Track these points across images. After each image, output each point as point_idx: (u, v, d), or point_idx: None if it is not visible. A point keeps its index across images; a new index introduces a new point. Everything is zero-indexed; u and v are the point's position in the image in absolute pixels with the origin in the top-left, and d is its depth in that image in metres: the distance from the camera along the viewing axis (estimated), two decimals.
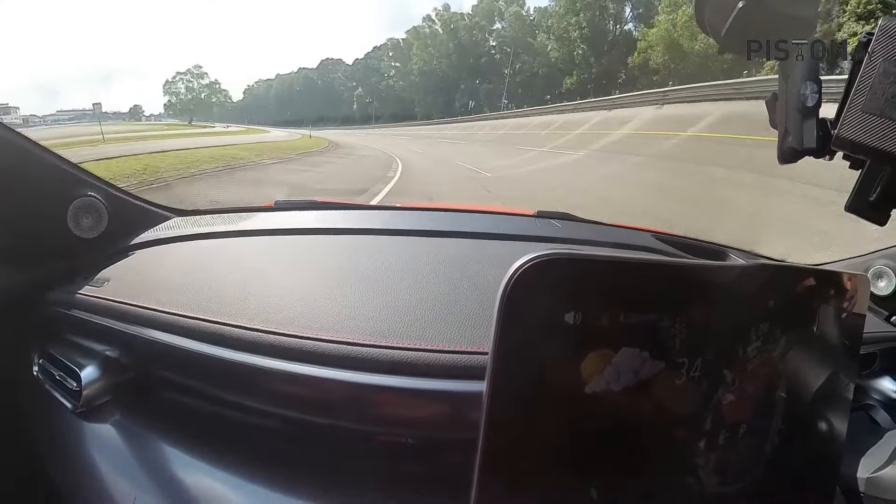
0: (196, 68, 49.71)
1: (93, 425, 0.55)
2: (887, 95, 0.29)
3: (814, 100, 0.33)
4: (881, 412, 0.69)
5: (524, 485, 0.24)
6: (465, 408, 0.45)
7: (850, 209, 0.36)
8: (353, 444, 0.49)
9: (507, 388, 0.22)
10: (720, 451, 0.31)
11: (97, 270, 0.70)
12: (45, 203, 0.68)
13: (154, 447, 0.52)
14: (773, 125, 0.38)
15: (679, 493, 0.30)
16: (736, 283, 0.31)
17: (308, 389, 0.48)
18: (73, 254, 0.72)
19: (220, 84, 46.78)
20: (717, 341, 0.30)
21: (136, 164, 7.89)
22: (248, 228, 0.84)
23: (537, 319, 0.22)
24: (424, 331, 0.51)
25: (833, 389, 0.40)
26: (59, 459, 0.56)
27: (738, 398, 0.32)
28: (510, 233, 0.89)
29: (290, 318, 0.53)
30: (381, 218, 0.99)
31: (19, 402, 0.62)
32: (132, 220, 0.82)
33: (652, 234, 0.99)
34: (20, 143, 0.64)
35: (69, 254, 0.72)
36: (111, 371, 0.57)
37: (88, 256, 0.73)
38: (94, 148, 10.60)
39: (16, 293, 0.66)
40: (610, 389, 0.24)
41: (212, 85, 48.95)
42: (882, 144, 0.30)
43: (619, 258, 0.26)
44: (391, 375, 0.46)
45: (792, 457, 0.36)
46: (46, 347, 0.62)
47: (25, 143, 0.64)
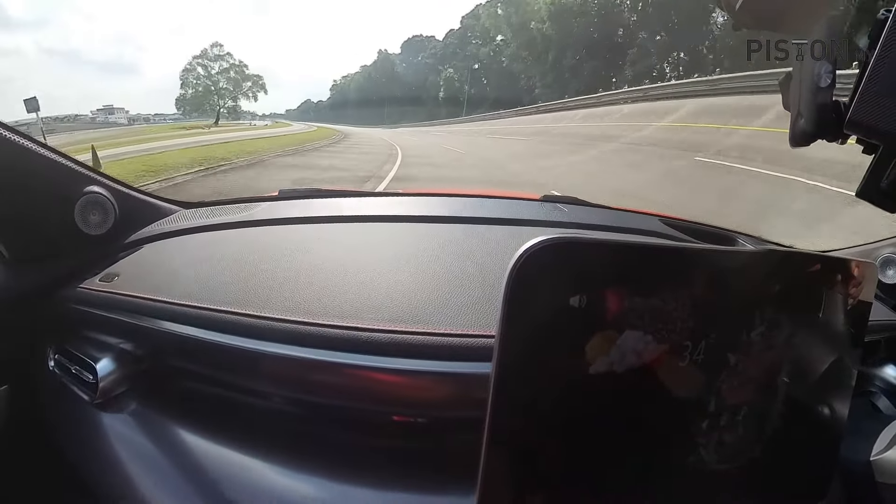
0: (216, 47, 31.84)
1: (110, 416, 0.56)
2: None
3: (828, 80, 0.32)
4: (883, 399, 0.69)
5: (529, 460, 0.25)
6: (473, 388, 0.46)
7: (860, 195, 0.35)
8: (365, 425, 0.51)
9: (513, 369, 0.23)
10: (721, 431, 0.32)
11: (107, 266, 0.71)
12: (52, 202, 0.69)
13: (171, 434, 0.54)
14: (787, 107, 0.36)
15: (679, 470, 0.31)
16: (743, 268, 0.31)
17: (317, 373, 0.49)
18: (83, 250, 0.74)
19: (248, 68, 31.57)
20: (722, 325, 0.30)
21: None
22: (253, 219, 0.85)
23: (543, 303, 0.23)
24: (432, 315, 0.52)
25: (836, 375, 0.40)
26: (79, 449, 0.58)
27: (741, 381, 0.32)
28: (517, 217, 0.89)
29: (297, 305, 0.54)
30: (385, 205, 0.99)
31: (38, 397, 0.64)
32: (138, 215, 0.83)
33: (660, 219, 0.99)
34: (24, 144, 0.64)
35: (79, 251, 0.73)
36: (126, 363, 0.58)
37: (98, 252, 0.75)
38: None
39: (29, 292, 0.67)
40: (614, 371, 0.25)
41: (237, 69, 31.34)
42: (895, 128, 0.29)
43: (624, 242, 0.26)
44: (399, 358, 0.47)
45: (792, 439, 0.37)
46: (62, 343, 0.63)
47: (29, 144, 0.65)
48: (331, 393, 0.50)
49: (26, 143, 0.64)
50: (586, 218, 0.95)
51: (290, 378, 0.51)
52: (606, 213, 1.02)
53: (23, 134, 0.64)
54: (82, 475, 0.56)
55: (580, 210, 1.01)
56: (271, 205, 0.98)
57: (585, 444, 0.26)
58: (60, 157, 0.70)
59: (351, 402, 0.50)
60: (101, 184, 0.75)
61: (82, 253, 0.73)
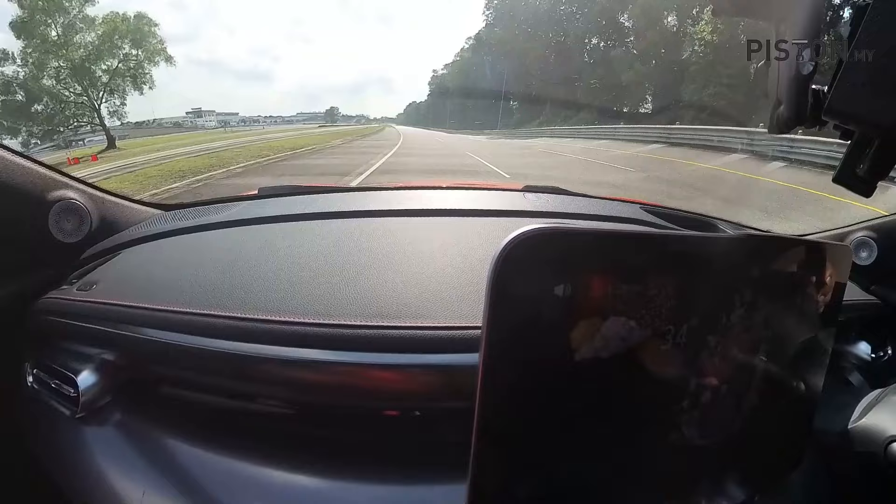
0: None
1: (94, 429, 0.55)
2: (880, 65, 0.28)
3: (809, 68, 0.32)
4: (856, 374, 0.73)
5: (519, 447, 0.25)
6: (461, 379, 0.46)
7: (837, 180, 0.35)
8: (355, 421, 0.51)
9: (500, 358, 0.23)
10: (702, 409, 0.33)
11: (84, 274, 0.69)
12: (23, 210, 0.66)
13: (158, 442, 0.53)
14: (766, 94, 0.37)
15: (663, 449, 0.32)
16: (722, 253, 0.32)
17: (305, 372, 0.49)
18: (58, 259, 0.71)
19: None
20: (703, 309, 0.31)
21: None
22: (232, 219, 0.83)
23: (528, 293, 0.23)
24: (418, 309, 0.52)
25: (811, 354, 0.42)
26: (63, 466, 0.56)
27: (721, 361, 0.33)
28: (499, 209, 0.89)
29: (281, 305, 0.53)
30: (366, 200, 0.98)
31: (17, 415, 0.62)
32: (115, 220, 0.81)
33: (640, 206, 1.00)
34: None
35: (54, 260, 0.71)
36: (108, 373, 0.56)
37: (74, 260, 0.72)
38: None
39: (3, 305, 0.65)
40: (599, 356, 0.25)
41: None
42: (872, 116, 0.29)
43: (607, 231, 0.26)
44: (387, 353, 0.48)
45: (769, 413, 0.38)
46: (39, 357, 0.61)
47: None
48: (319, 392, 0.50)
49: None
50: (568, 207, 0.96)
51: (278, 379, 0.50)
52: (587, 201, 1.03)
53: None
54: (68, 493, 0.54)
55: (561, 199, 1.02)
56: (251, 203, 0.96)
57: (572, 428, 0.27)
58: (31, 163, 0.67)
59: (340, 399, 0.50)
60: (74, 189, 0.73)
61: (58, 262, 0.71)
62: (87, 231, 0.74)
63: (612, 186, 6.71)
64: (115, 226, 0.80)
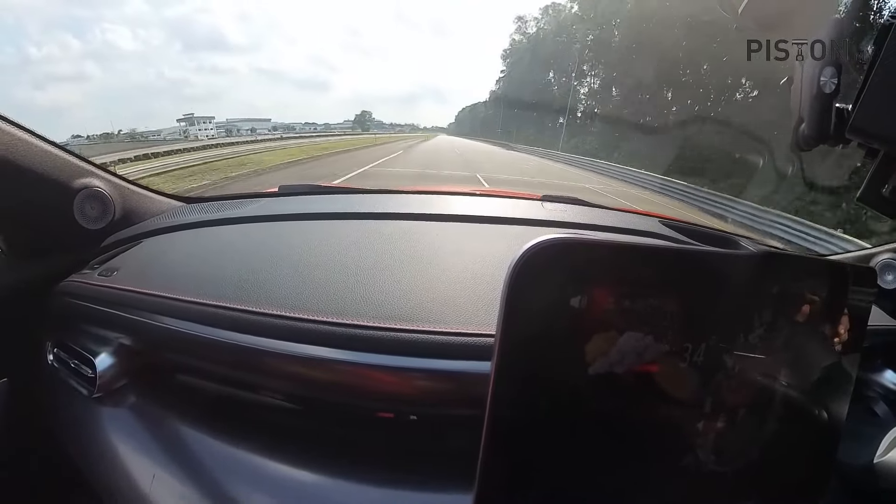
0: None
1: (109, 409, 0.57)
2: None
3: (832, 87, 0.32)
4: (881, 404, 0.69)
5: (527, 459, 0.25)
6: (472, 386, 0.46)
7: (861, 199, 0.35)
8: (364, 422, 0.51)
9: (512, 368, 0.23)
10: (718, 433, 0.32)
11: (106, 260, 0.71)
12: (50, 196, 0.69)
13: (170, 427, 0.54)
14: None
15: (676, 471, 0.31)
16: (742, 271, 0.31)
17: (317, 370, 0.49)
18: (82, 245, 0.73)
19: None
20: (722, 328, 0.30)
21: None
22: (252, 215, 0.85)
23: (543, 303, 0.23)
24: (432, 313, 0.52)
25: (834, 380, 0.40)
26: (78, 443, 0.58)
27: (739, 383, 0.32)
28: (517, 217, 0.89)
29: (297, 302, 0.54)
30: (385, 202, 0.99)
31: (37, 391, 0.64)
32: (137, 209, 0.83)
33: (659, 220, 0.99)
34: (23, 137, 0.63)
35: (77, 245, 0.73)
36: (124, 357, 0.58)
37: (96, 247, 0.74)
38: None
39: (28, 286, 0.67)
40: (613, 371, 0.25)
41: None
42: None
43: (625, 244, 0.26)
44: (399, 356, 0.47)
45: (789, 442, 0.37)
46: (60, 337, 0.63)
47: (28, 137, 0.64)
48: (330, 389, 0.50)
49: (24, 136, 0.64)
50: (586, 218, 0.95)
51: (290, 374, 0.51)
52: (606, 213, 1.02)
53: (22, 126, 0.64)
54: (81, 468, 0.56)
55: (580, 210, 1.01)
56: (271, 200, 0.98)
57: (583, 443, 0.26)
58: (59, 150, 0.69)
59: (350, 399, 0.50)
60: (99, 178, 0.75)
61: (80, 247, 0.73)
62: (111, 219, 0.76)
63: None
64: (138, 215, 0.82)
